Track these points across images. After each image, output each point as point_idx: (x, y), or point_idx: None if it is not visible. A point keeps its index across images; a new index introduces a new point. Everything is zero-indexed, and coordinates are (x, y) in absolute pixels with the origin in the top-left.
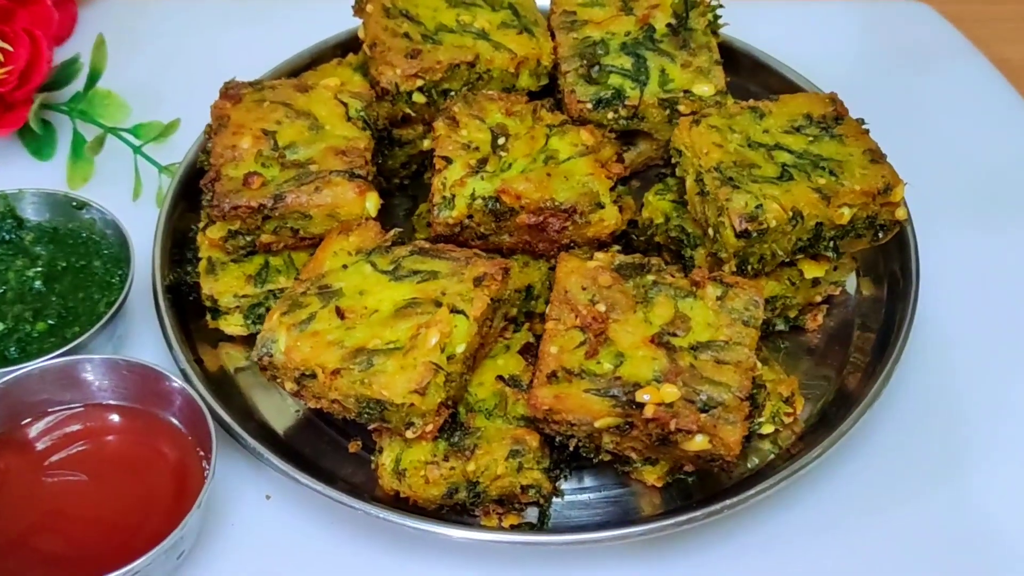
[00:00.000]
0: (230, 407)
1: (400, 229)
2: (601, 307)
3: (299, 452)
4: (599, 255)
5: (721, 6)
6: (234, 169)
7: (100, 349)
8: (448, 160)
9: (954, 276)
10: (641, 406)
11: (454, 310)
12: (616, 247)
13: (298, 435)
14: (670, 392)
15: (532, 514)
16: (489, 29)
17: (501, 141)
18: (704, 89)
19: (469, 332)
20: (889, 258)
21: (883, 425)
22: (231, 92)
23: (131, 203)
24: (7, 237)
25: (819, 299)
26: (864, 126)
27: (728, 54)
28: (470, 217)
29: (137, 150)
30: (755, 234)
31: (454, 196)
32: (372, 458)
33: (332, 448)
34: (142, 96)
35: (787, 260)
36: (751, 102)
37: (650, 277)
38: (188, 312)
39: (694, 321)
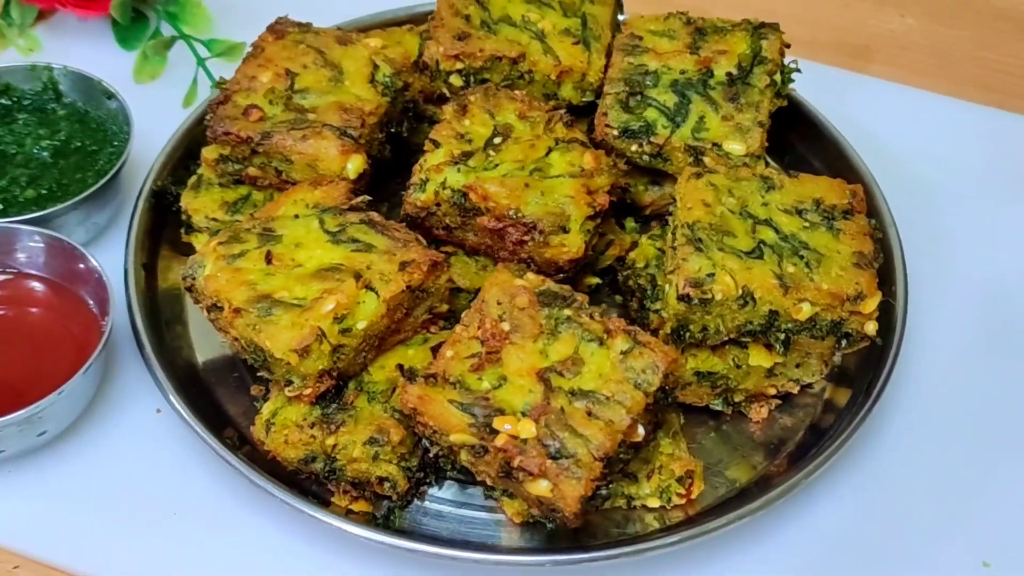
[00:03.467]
0: (156, 317)
1: (369, 197)
2: (505, 326)
3: (202, 379)
4: (530, 275)
5: (798, 70)
6: (244, 98)
7: (71, 231)
8: (436, 144)
9: (948, 408)
10: (496, 433)
11: (368, 287)
12: (596, 280)
13: (212, 363)
14: (527, 428)
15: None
16: (549, 32)
17: (498, 140)
18: (735, 147)
19: (376, 312)
20: (865, 372)
21: (773, 536)
22: (278, 28)
23: (180, 109)
24: (43, 107)
25: (772, 392)
26: (876, 231)
27: (805, 121)
28: (438, 205)
29: (200, 62)
30: (696, 301)
31: (427, 180)
32: (256, 404)
33: (237, 385)
34: (232, 15)
35: (735, 339)
36: (767, 171)
37: (567, 312)
38: (171, 220)
39: (587, 367)
